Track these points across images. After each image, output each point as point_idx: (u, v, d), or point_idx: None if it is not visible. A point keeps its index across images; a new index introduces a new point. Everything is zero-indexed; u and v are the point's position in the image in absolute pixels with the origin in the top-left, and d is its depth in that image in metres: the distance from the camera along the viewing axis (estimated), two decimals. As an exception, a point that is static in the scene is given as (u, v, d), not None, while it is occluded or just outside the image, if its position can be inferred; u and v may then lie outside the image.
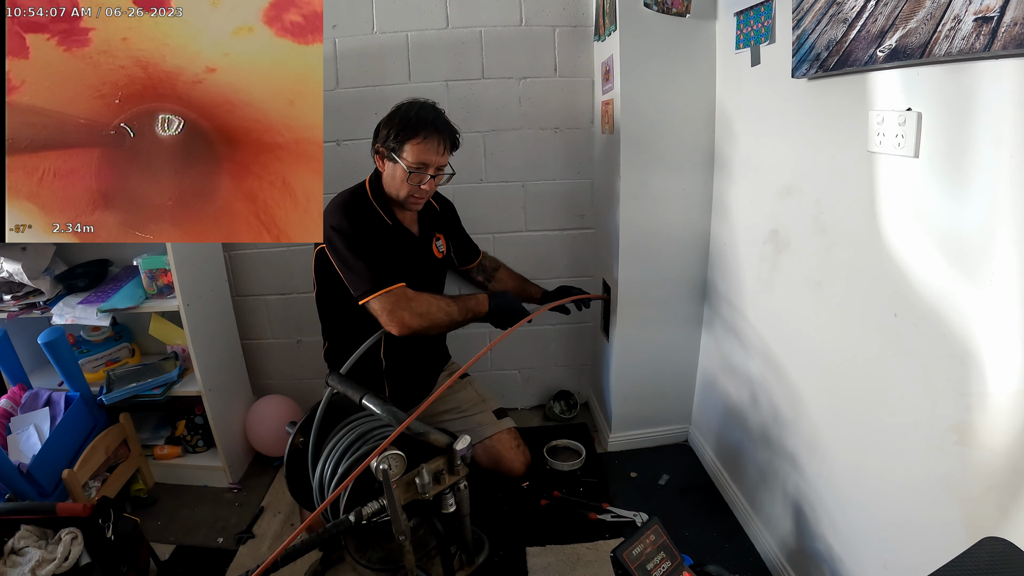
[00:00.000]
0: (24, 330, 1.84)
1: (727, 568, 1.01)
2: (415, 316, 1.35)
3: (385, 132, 1.40)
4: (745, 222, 1.55)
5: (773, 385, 1.43)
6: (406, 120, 1.38)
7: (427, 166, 1.39)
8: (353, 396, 1.24)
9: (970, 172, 0.81)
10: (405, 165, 1.38)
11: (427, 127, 1.37)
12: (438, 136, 1.38)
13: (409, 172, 1.38)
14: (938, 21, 0.79)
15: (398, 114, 1.40)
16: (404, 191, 1.42)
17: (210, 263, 1.93)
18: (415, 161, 1.37)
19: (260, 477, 1.95)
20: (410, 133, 1.37)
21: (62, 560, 1.28)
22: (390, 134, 1.39)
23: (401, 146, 1.37)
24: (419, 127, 1.37)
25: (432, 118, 1.39)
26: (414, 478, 1.11)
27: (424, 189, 1.42)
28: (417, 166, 1.38)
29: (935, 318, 0.88)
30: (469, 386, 1.66)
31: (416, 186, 1.40)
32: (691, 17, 1.56)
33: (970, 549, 0.67)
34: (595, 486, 1.82)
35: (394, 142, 1.38)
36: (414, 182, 1.39)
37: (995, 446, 0.80)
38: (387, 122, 1.42)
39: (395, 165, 1.40)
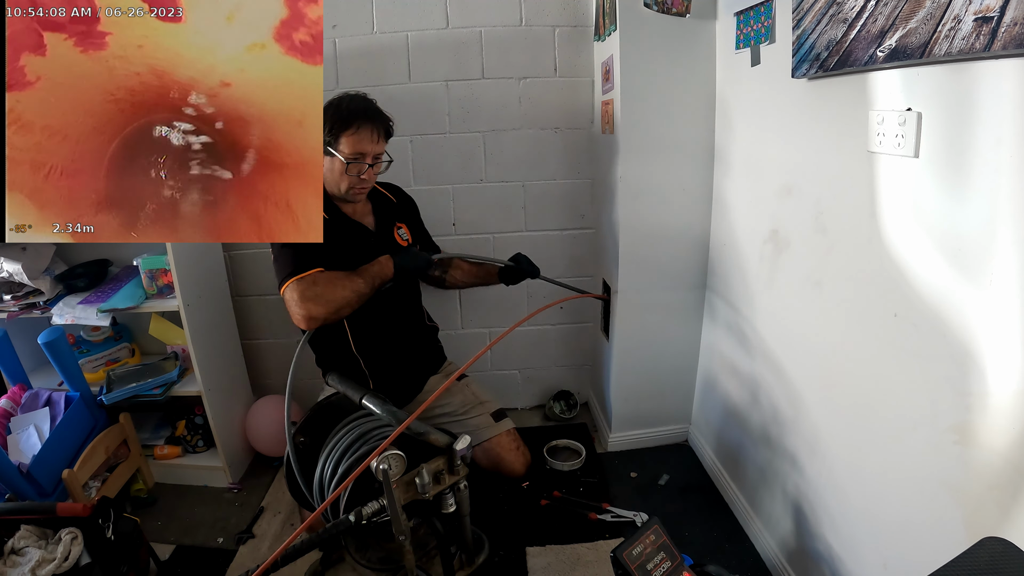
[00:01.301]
0: (24, 330, 1.84)
1: (727, 568, 1.01)
2: (320, 304, 1.32)
3: None
4: (745, 222, 1.55)
5: (773, 385, 1.43)
6: (338, 113, 1.39)
7: (364, 155, 1.41)
8: (353, 396, 1.24)
9: (970, 172, 0.81)
10: (342, 157, 1.39)
11: (359, 117, 1.39)
12: (371, 125, 1.40)
13: (347, 163, 1.40)
14: (938, 21, 0.79)
15: (330, 109, 1.40)
16: (344, 183, 1.43)
17: (210, 263, 1.93)
18: (351, 152, 1.39)
19: (260, 477, 1.95)
20: (343, 125, 1.38)
21: (62, 560, 1.28)
22: (325, 129, 1.39)
23: (336, 139, 1.39)
24: (351, 118, 1.39)
25: (363, 108, 1.41)
26: (414, 478, 1.11)
27: (364, 179, 1.44)
28: (354, 156, 1.40)
29: (935, 318, 0.88)
30: (467, 388, 1.65)
31: (356, 176, 1.42)
32: (691, 17, 1.56)
33: (970, 549, 0.67)
34: (595, 486, 1.82)
35: (329, 135, 1.39)
36: (353, 172, 1.41)
37: (995, 446, 0.80)
38: None
39: (332, 159, 1.41)
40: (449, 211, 2.05)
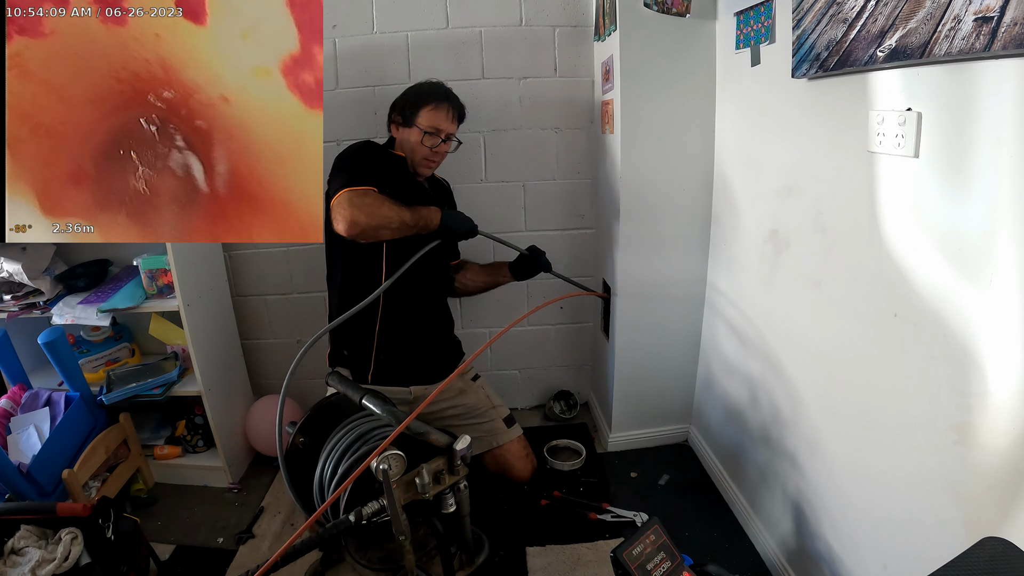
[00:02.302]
0: (24, 330, 1.84)
1: (727, 568, 1.01)
2: (364, 214, 1.34)
3: (402, 102, 1.57)
4: (745, 222, 1.55)
5: (773, 385, 1.43)
6: (420, 91, 1.56)
7: (439, 131, 1.53)
8: (353, 396, 1.24)
9: (970, 172, 0.80)
10: (420, 128, 1.51)
11: (439, 96, 1.55)
12: (448, 104, 1.55)
13: (424, 133, 1.51)
14: (938, 21, 0.79)
15: (413, 88, 1.58)
16: (419, 152, 1.54)
17: (210, 263, 1.93)
18: (428, 124, 1.52)
19: (260, 477, 1.95)
20: (424, 100, 1.53)
21: (62, 560, 1.28)
22: (406, 103, 1.55)
23: (416, 112, 1.52)
24: (432, 96, 1.54)
25: (444, 90, 1.57)
26: (414, 478, 1.11)
27: (436, 151, 1.55)
28: (431, 129, 1.52)
29: (935, 318, 0.88)
30: (480, 390, 1.66)
31: (429, 149, 1.53)
32: (691, 17, 1.56)
33: (970, 549, 0.67)
34: (595, 486, 1.82)
35: (409, 109, 1.53)
36: (428, 143, 1.52)
37: (995, 446, 0.80)
38: (403, 95, 1.58)
39: (410, 129, 1.53)
40: (449, 211, 2.05)
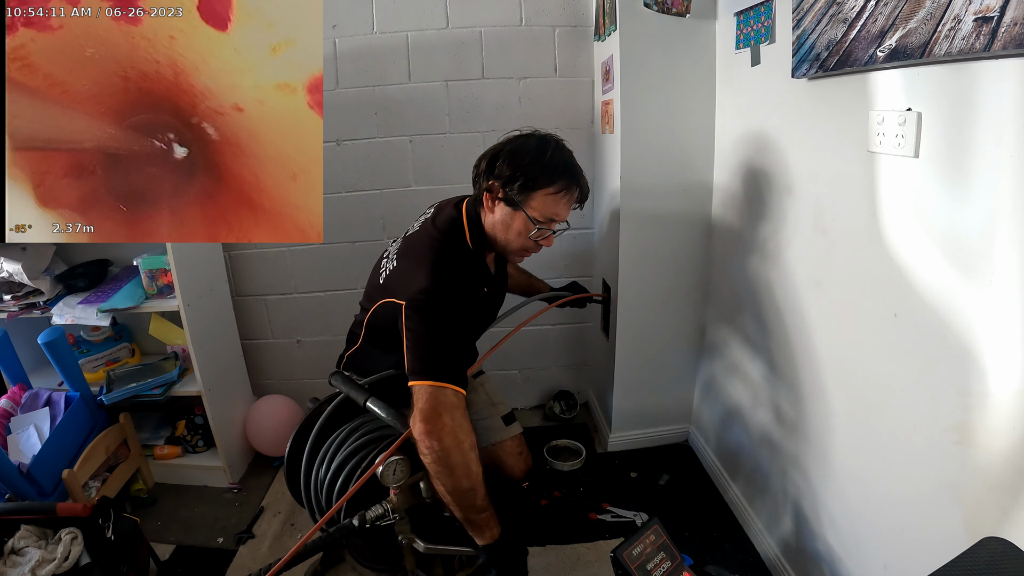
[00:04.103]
0: (24, 330, 1.84)
1: (727, 568, 1.01)
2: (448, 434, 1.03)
3: (510, 172, 1.15)
4: (745, 222, 1.55)
5: (773, 385, 1.43)
6: (542, 164, 1.15)
7: (554, 221, 1.18)
8: (357, 398, 1.24)
9: (970, 172, 0.81)
10: (531, 216, 1.16)
11: (566, 177, 1.16)
12: (578, 189, 1.20)
13: (536, 226, 1.16)
14: (938, 21, 0.79)
15: (529, 153, 1.16)
16: (518, 243, 1.20)
17: (210, 263, 1.93)
18: (544, 214, 1.16)
19: (260, 477, 1.95)
20: (546, 181, 1.15)
21: (62, 560, 1.28)
22: (517, 176, 1.15)
23: (530, 194, 1.15)
24: (557, 176, 1.15)
25: (570, 166, 1.19)
26: (418, 482, 1.11)
27: (541, 244, 1.22)
28: (545, 220, 1.17)
29: (935, 318, 0.88)
30: (480, 388, 1.65)
31: (534, 242, 1.20)
32: (691, 17, 1.56)
33: (970, 549, 0.67)
34: (595, 486, 1.82)
35: (521, 189, 1.15)
36: (536, 237, 1.19)
37: (995, 446, 0.80)
38: (512, 159, 1.16)
39: (515, 213, 1.17)
40: (449, 211, 2.05)
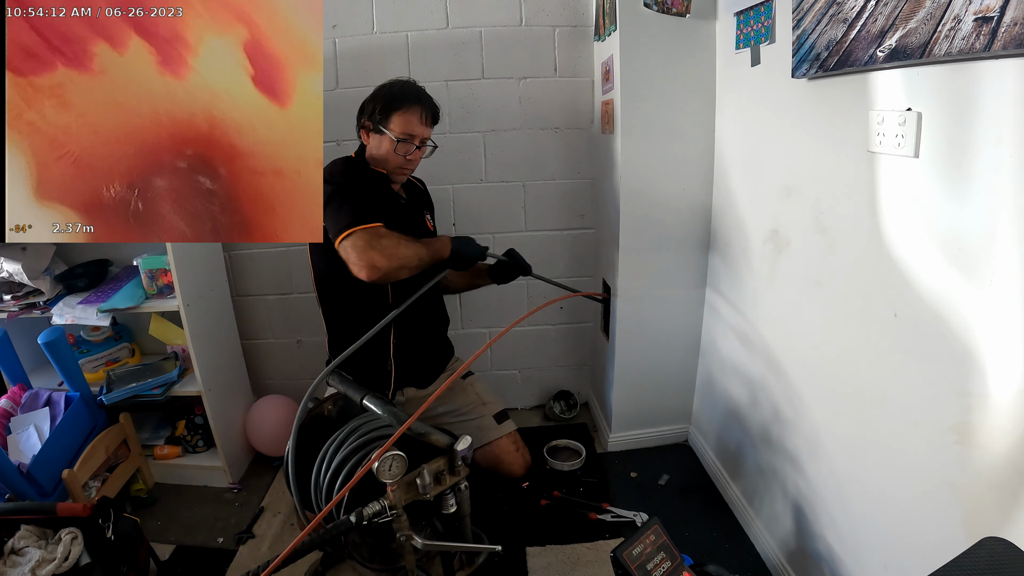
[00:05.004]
0: (24, 330, 1.84)
1: (727, 568, 1.01)
2: (385, 257, 1.27)
3: (371, 107, 1.45)
4: (745, 222, 1.55)
5: (773, 385, 1.43)
6: (391, 94, 1.44)
7: (413, 136, 1.44)
8: (354, 397, 1.24)
9: (970, 172, 0.81)
10: (392, 135, 1.42)
11: (411, 99, 1.43)
12: (421, 107, 1.44)
13: (397, 141, 1.42)
14: (938, 21, 0.79)
15: (382, 90, 1.46)
16: (392, 161, 1.45)
17: (210, 263, 1.93)
18: (401, 131, 1.42)
19: (260, 477, 1.95)
20: (395, 105, 1.42)
21: (62, 560, 1.28)
22: (376, 108, 1.43)
23: (387, 117, 1.42)
24: (404, 99, 1.43)
25: (415, 91, 1.46)
26: (415, 479, 1.11)
27: (410, 159, 1.46)
28: (403, 136, 1.42)
29: (935, 318, 0.88)
30: (470, 388, 1.65)
31: (402, 157, 1.44)
32: (691, 17, 1.56)
33: (970, 549, 0.67)
34: (595, 486, 1.82)
35: (380, 115, 1.43)
36: (401, 151, 1.43)
37: (995, 446, 0.80)
38: (372, 98, 1.47)
39: (381, 136, 1.44)
40: (449, 211, 2.05)
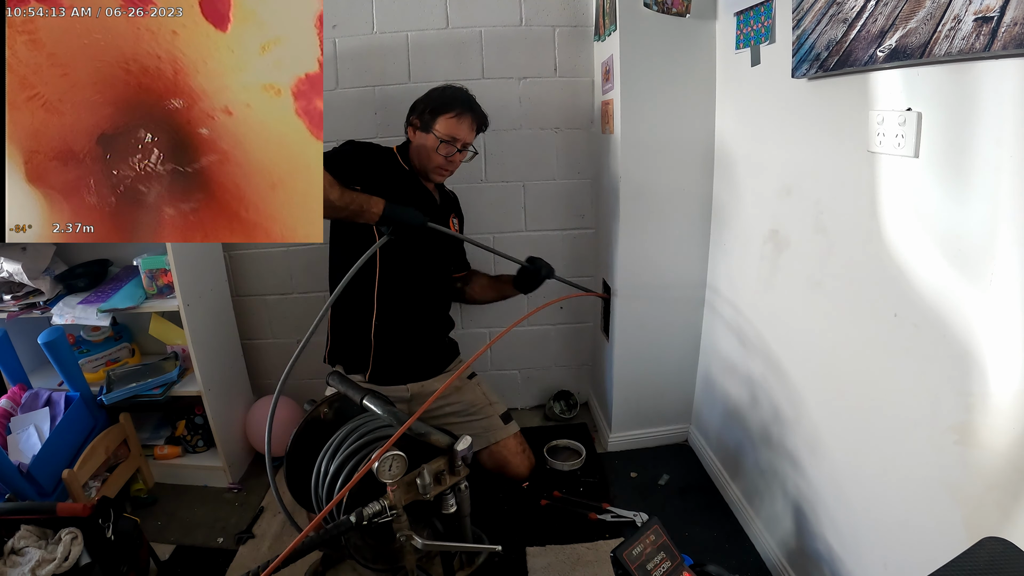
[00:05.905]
0: (24, 330, 1.84)
1: (727, 568, 1.01)
2: None
3: (421, 106, 1.54)
4: (745, 222, 1.55)
5: (773, 385, 1.43)
6: (442, 97, 1.53)
7: (455, 140, 1.51)
8: (354, 396, 1.24)
9: (970, 172, 0.81)
10: (436, 135, 1.50)
11: (460, 105, 1.52)
12: (470, 114, 1.53)
13: (440, 142, 1.50)
14: (938, 21, 0.79)
15: (435, 92, 1.55)
16: (434, 160, 1.53)
17: (210, 263, 1.93)
18: (446, 133, 1.50)
19: (260, 477, 1.94)
20: (444, 108, 1.51)
21: (62, 560, 1.28)
22: (426, 108, 1.52)
23: (434, 118, 1.50)
24: (453, 104, 1.51)
25: (466, 98, 1.55)
26: (415, 479, 1.11)
27: (451, 160, 1.54)
28: (447, 138, 1.50)
29: (935, 318, 0.88)
30: (477, 388, 1.66)
31: (444, 157, 1.52)
32: (691, 17, 1.56)
33: (970, 549, 0.67)
34: (595, 486, 1.82)
35: (428, 115, 1.51)
36: (443, 152, 1.51)
37: (995, 446, 0.80)
38: (424, 99, 1.56)
39: (426, 135, 1.51)
40: (449, 211, 2.05)
